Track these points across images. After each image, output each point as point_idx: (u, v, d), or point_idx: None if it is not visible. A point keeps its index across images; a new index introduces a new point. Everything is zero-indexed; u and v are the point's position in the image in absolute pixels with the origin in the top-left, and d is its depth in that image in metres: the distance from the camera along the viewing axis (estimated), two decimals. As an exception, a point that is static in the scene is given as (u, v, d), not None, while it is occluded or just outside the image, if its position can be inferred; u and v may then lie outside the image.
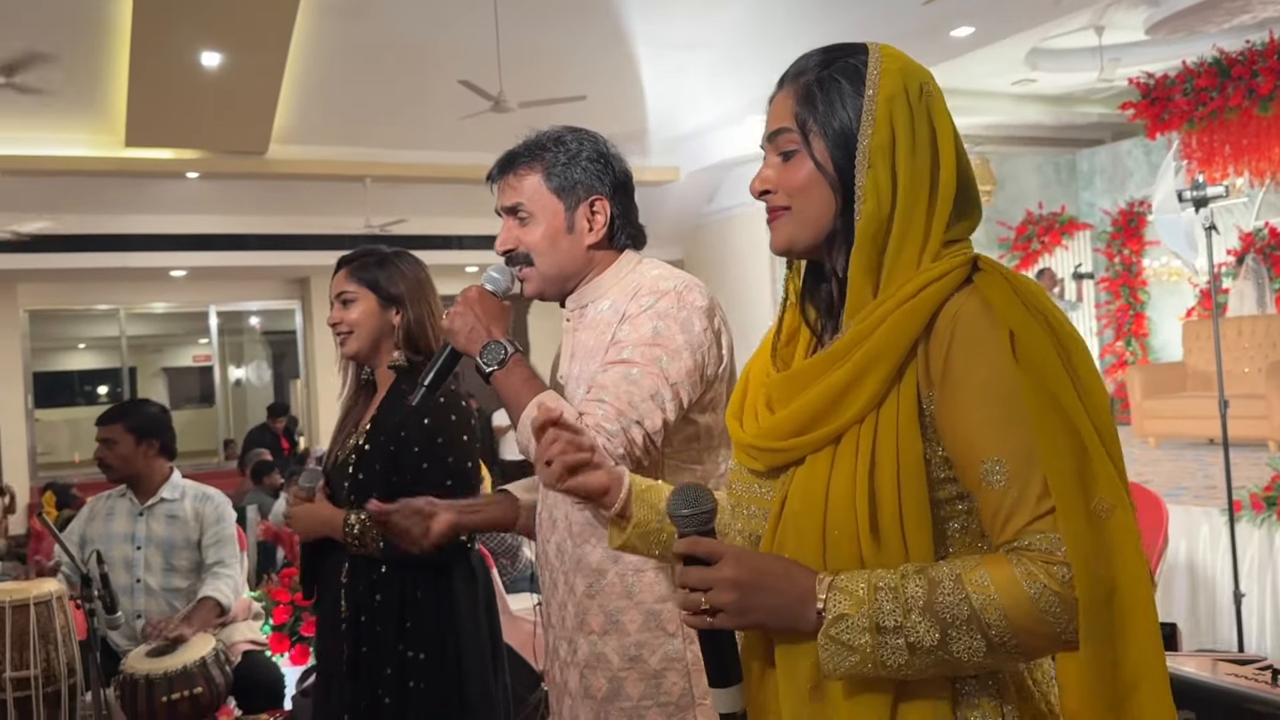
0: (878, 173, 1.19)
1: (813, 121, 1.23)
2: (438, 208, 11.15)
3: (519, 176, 1.90)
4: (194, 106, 8.74)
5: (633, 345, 1.76)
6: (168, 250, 10.87)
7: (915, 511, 1.13)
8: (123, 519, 3.58)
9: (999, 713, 1.14)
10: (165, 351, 17.52)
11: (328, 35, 8.34)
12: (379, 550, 2.31)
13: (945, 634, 1.06)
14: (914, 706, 1.13)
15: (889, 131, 1.19)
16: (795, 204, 1.25)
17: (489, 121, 8.32)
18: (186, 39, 7.94)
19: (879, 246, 1.19)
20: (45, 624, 3.13)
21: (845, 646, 1.09)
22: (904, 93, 1.21)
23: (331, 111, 9.41)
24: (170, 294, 12.93)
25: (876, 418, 1.16)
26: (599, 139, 1.94)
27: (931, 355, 1.15)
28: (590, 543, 1.83)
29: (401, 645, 2.31)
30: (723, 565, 1.14)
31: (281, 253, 11.36)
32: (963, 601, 1.06)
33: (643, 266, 1.91)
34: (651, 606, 1.79)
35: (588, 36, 8.60)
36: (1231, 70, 8.32)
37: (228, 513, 3.68)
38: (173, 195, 10.34)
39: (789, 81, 1.27)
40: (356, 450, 2.40)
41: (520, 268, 1.90)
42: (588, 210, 1.89)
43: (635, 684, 1.78)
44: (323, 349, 12.67)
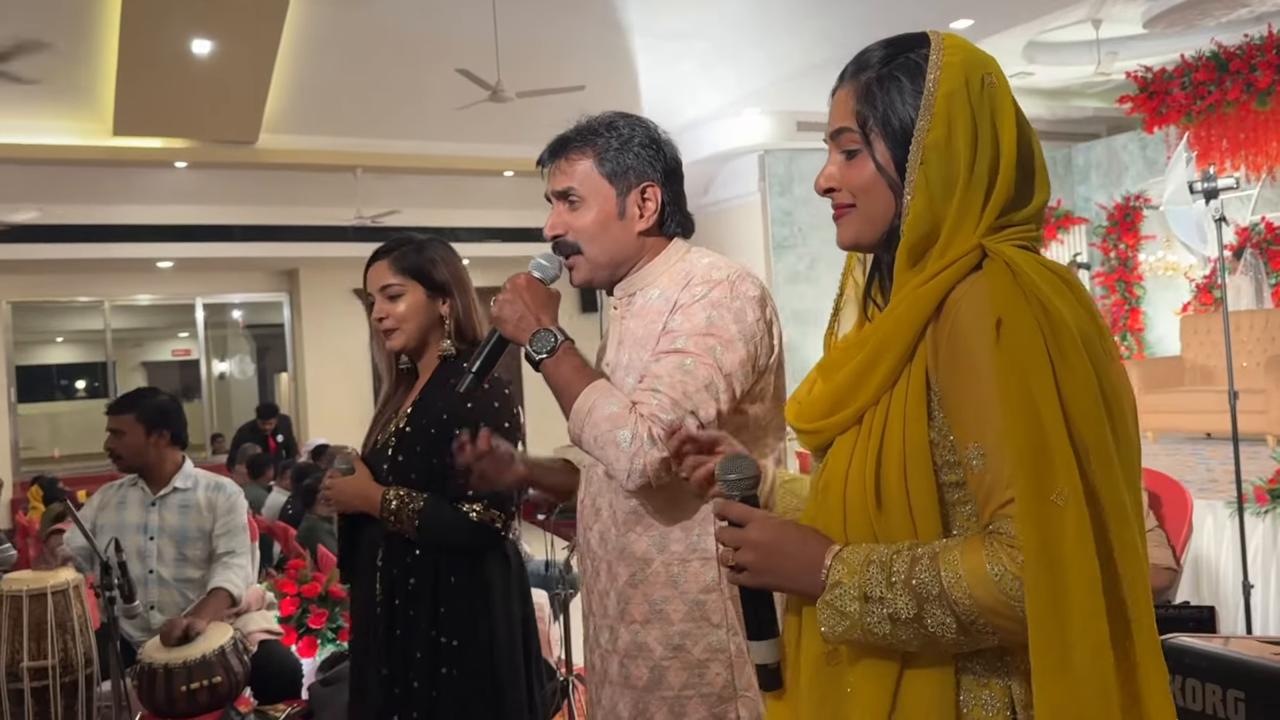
0: (931, 170, 1.21)
1: (873, 121, 1.26)
2: (430, 199, 11.14)
3: (570, 161, 1.90)
4: (184, 95, 8.71)
5: (686, 335, 1.77)
6: (154, 241, 10.82)
7: (920, 491, 1.18)
8: (135, 509, 3.58)
9: (1006, 692, 1.18)
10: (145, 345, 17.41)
11: (320, 23, 8.31)
12: (414, 530, 2.32)
13: (920, 609, 1.12)
14: (918, 678, 1.18)
15: (946, 129, 1.21)
16: (860, 202, 1.28)
17: (483, 112, 8.32)
18: (177, 26, 7.91)
19: (929, 242, 1.22)
20: (62, 613, 3.14)
21: (838, 612, 1.17)
22: (964, 87, 1.22)
23: (323, 101, 9.39)
24: (156, 286, 12.87)
25: (889, 399, 1.21)
26: (650, 125, 1.94)
27: (939, 339, 1.19)
28: (635, 531, 1.85)
29: (434, 631, 2.32)
30: (750, 528, 1.25)
31: (270, 244, 11.32)
32: (934, 580, 1.11)
33: (692, 255, 1.92)
34: (697, 597, 1.81)
35: (584, 26, 8.61)
36: (1229, 64, 8.42)
37: (240, 502, 3.69)
38: (161, 185, 10.30)
39: (850, 78, 1.29)
40: (397, 433, 2.41)
41: (569, 255, 1.91)
42: (639, 196, 1.89)
43: (678, 673, 1.80)
44: (312, 342, 12.65)
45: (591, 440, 1.75)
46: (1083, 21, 8.68)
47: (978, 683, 1.18)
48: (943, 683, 1.17)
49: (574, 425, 1.77)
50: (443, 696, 2.30)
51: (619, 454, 1.70)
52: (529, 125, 9.91)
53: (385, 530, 2.36)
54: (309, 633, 4.50)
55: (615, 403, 1.74)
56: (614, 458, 1.71)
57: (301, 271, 12.61)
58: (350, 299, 12.76)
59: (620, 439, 1.70)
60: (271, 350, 16.04)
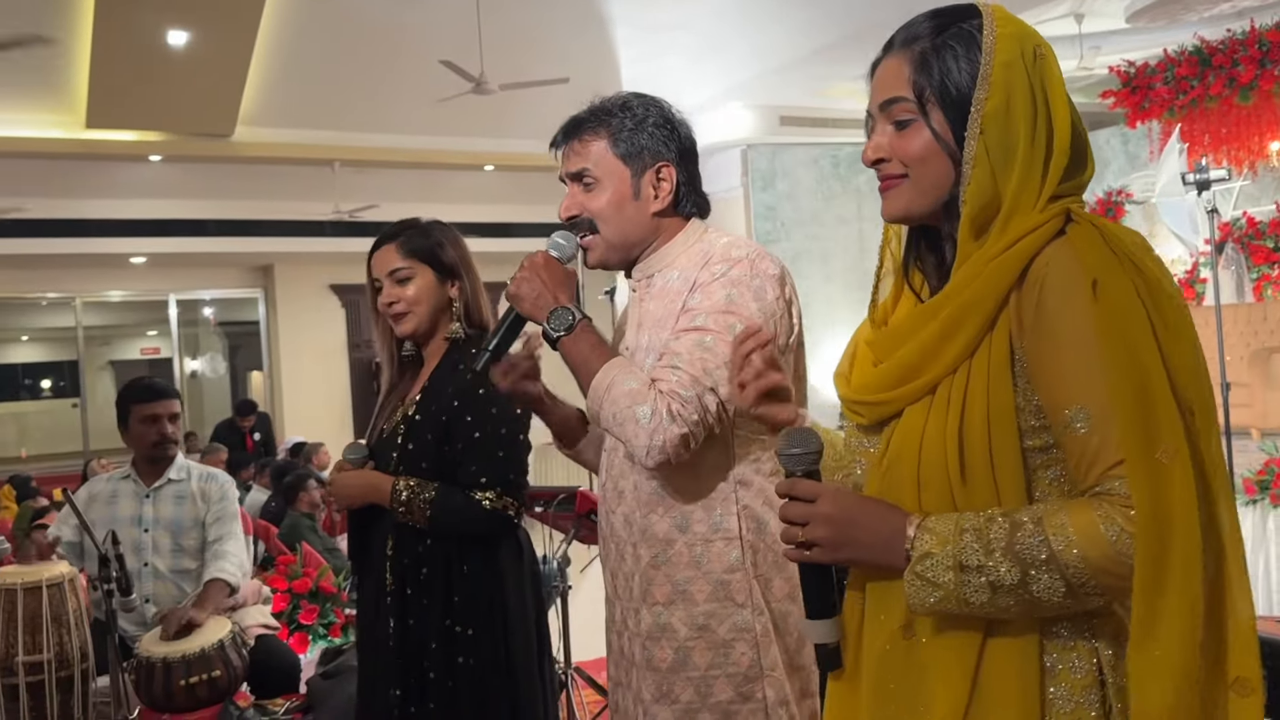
0: (989, 139, 1.21)
1: (930, 90, 1.25)
2: (409, 194, 11.08)
3: (584, 142, 1.91)
4: (159, 87, 8.63)
5: (706, 313, 1.78)
6: (127, 236, 10.73)
7: (1005, 458, 1.19)
8: (127, 501, 3.55)
9: (1094, 655, 1.19)
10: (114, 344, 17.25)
11: (299, 13, 8.26)
12: (426, 520, 2.31)
13: (1025, 574, 1.12)
14: (1001, 645, 1.19)
15: (1004, 98, 1.21)
16: (913, 173, 1.28)
17: (463, 105, 8.30)
18: (152, 16, 7.83)
19: (991, 212, 1.23)
20: (58, 607, 3.11)
21: (930, 583, 1.15)
22: (1020, 57, 1.22)
23: (301, 93, 9.33)
24: (128, 282, 12.75)
25: (969, 367, 1.21)
26: (664, 104, 1.95)
27: (1024, 305, 1.19)
28: (657, 512, 1.86)
29: (448, 620, 2.31)
30: (820, 502, 1.22)
31: (246, 239, 11.26)
32: (1042, 544, 1.11)
33: (710, 235, 1.93)
34: (721, 576, 1.82)
35: (568, 18, 8.60)
36: (1212, 59, 8.49)
37: (231, 491, 3.67)
38: (135, 179, 10.21)
39: (901, 48, 1.29)
40: (406, 420, 2.39)
41: (584, 234, 1.91)
42: (654, 177, 1.90)
43: (703, 653, 1.81)
44: (287, 339, 12.57)
45: (610, 417, 1.75)
46: (1065, 16, 8.76)
47: (1063, 646, 1.19)
48: (1026, 649, 1.18)
49: (592, 402, 1.78)
50: (461, 686, 2.30)
51: (638, 430, 1.71)
52: (509, 119, 9.94)
53: (395, 520, 2.35)
54: (300, 629, 4.49)
55: (634, 379, 1.75)
56: (633, 434, 1.72)
57: (277, 267, 12.53)
58: (327, 295, 12.70)
59: (639, 415, 1.71)
60: (243, 348, 15.92)
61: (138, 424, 3.52)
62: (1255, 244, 9.23)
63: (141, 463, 3.58)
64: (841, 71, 10.11)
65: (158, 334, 15.86)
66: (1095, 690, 1.18)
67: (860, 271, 11.16)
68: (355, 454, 2.43)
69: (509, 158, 10.90)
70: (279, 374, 12.80)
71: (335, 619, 4.66)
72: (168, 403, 3.55)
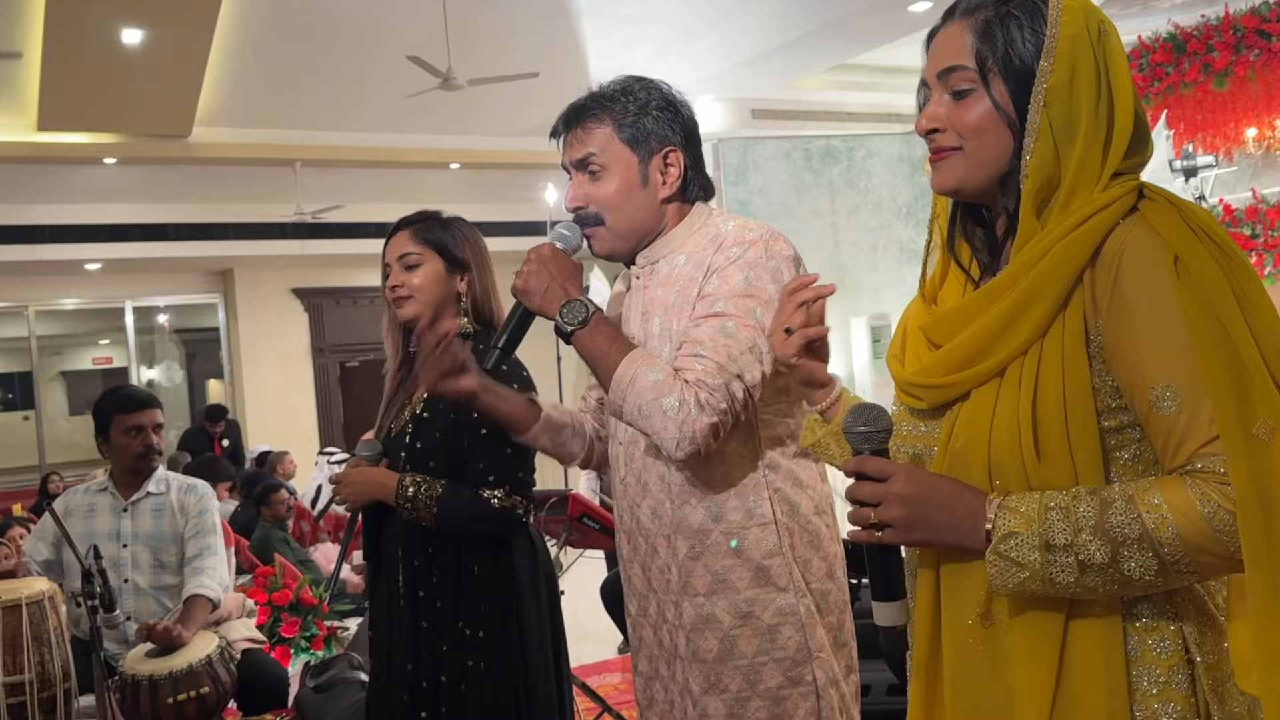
0: (1053, 112, 1.21)
1: (992, 59, 1.24)
2: (373, 193, 11.04)
3: (588, 129, 1.89)
4: (113, 87, 8.52)
5: (725, 298, 1.78)
6: (82, 241, 10.59)
7: (1083, 439, 1.18)
8: (106, 516, 3.50)
9: (1179, 635, 1.19)
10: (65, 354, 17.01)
11: (257, 9, 8.18)
12: (432, 518, 2.30)
13: (1116, 553, 1.11)
14: (1085, 629, 1.18)
15: (1069, 71, 1.21)
16: (968, 144, 1.27)
17: (427, 102, 8.26)
18: (105, 14, 7.72)
19: (1052, 187, 1.22)
20: (38, 625, 3.06)
21: (1014, 563, 1.14)
22: (1086, 32, 1.22)
23: (260, 92, 9.25)
24: (83, 289, 12.58)
25: (1041, 348, 1.20)
26: (665, 86, 1.95)
27: (1098, 283, 1.18)
28: (690, 504, 1.86)
29: (460, 622, 2.31)
30: (893, 481, 1.20)
31: (204, 243, 11.16)
32: (1134, 521, 1.11)
33: (715, 218, 1.93)
34: (760, 563, 1.83)
35: (535, 12, 8.58)
36: (1187, 45, 8.62)
37: (211, 503, 3.62)
38: (88, 182, 10.09)
39: (963, 15, 1.28)
40: (414, 419, 2.38)
41: (589, 226, 1.90)
42: (661, 162, 1.89)
43: (749, 641, 1.82)
44: (249, 346, 12.45)
45: (635, 410, 1.75)
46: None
47: (1146, 628, 1.18)
48: (1110, 631, 1.18)
49: (615, 396, 1.77)
50: (471, 690, 2.29)
51: (666, 422, 1.71)
52: (475, 115, 9.90)
53: (404, 520, 2.34)
54: (282, 642, 4.45)
55: (658, 370, 1.75)
56: (660, 426, 1.72)
57: (237, 271, 12.41)
58: (290, 299, 12.60)
59: (666, 407, 1.71)
60: (200, 355, 15.74)
61: (120, 435, 3.47)
62: (1232, 231, 9.37)
63: (122, 474, 3.53)
64: (814, 63, 10.16)
65: (110, 343, 15.66)
66: (1182, 670, 1.18)
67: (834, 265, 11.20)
68: (369, 450, 2.41)
69: (475, 155, 10.86)
70: (240, 382, 12.68)
71: (317, 631, 4.62)
72: (151, 412, 3.50)
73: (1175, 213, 1.17)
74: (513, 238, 11.53)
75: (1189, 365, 1.12)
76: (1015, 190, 1.26)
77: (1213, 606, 1.23)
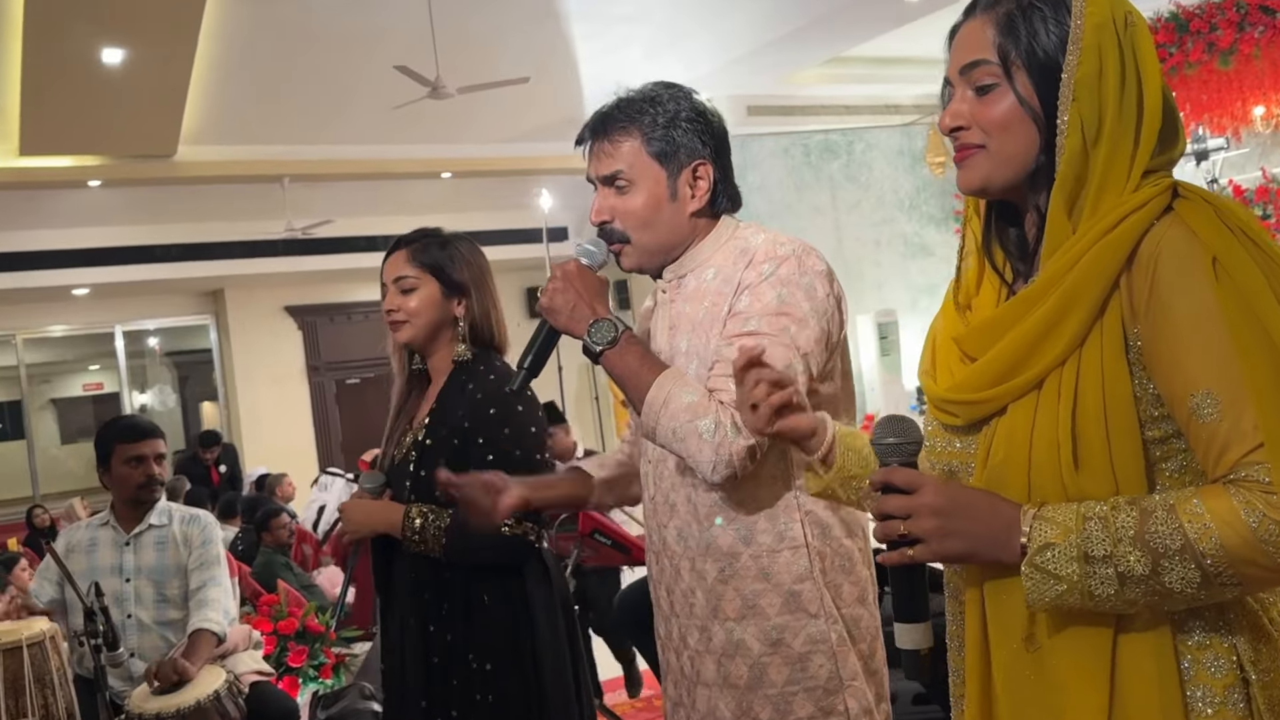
0: (1082, 107, 1.20)
1: (1016, 53, 1.23)
2: (364, 207, 11.03)
3: (615, 142, 1.87)
4: (95, 108, 8.52)
5: (758, 316, 1.77)
6: (69, 267, 10.58)
7: (1125, 450, 1.16)
8: (107, 550, 3.49)
9: (1233, 652, 1.17)
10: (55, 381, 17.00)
11: (240, 24, 8.19)
12: (440, 549, 2.28)
13: (1157, 564, 1.09)
14: (1136, 648, 1.16)
15: (1096, 63, 1.20)
16: (993, 142, 1.26)
17: (416, 112, 8.25)
18: (85, 35, 7.72)
19: (1081, 184, 1.21)
20: (40, 666, 3.06)
21: (1051, 576, 1.12)
22: (1111, 22, 1.21)
23: (245, 108, 9.25)
24: (72, 315, 12.57)
25: (1080, 357, 1.18)
26: (693, 95, 1.93)
27: (1135, 287, 1.17)
28: (718, 525, 1.84)
29: (470, 655, 2.29)
30: (924, 492, 1.18)
31: (193, 263, 11.14)
32: (1176, 531, 1.09)
33: (743, 230, 1.92)
34: (791, 587, 1.81)
35: (523, 16, 8.58)
36: (1190, 24, 8.61)
37: (214, 533, 3.61)
38: (73, 207, 10.07)
39: (984, 10, 1.27)
40: (417, 446, 2.37)
41: (615, 242, 1.89)
42: (690, 176, 1.88)
43: (779, 669, 1.80)
44: (243, 366, 12.43)
45: (669, 433, 1.73)
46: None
47: (1200, 645, 1.17)
48: (1161, 650, 1.16)
49: (647, 418, 1.75)
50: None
51: (701, 445, 1.69)
52: (465, 123, 9.90)
53: (413, 552, 2.32)
54: (289, 671, 4.44)
55: (692, 392, 1.73)
56: (696, 449, 1.70)
57: (228, 291, 12.39)
58: (282, 317, 12.58)
59: (702, 429, 1.69)
60: (193, 378, 15.73)
61: (121, 465, 3.46)
62: (1243, 212, 9.36)
63: (123, 506, 3.52)
64: (808, 57, 10.16)
65: (101, 368, 15.64)
66: (1238, 689, 1.16)
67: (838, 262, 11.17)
68: (372, 483, 2.40)
69: (467, 163, 10.86)
70: (235, 404, 12.65)
71: (325, 659, 4.61)
72: (154, 442, 3.50)
73: (1212, 211, 1.15)
74: (509, 246, 11.53)
75: (1230, 370, 1.11)
76: (1046, 187, 1.25)
77: (1266, 622, 1.20)
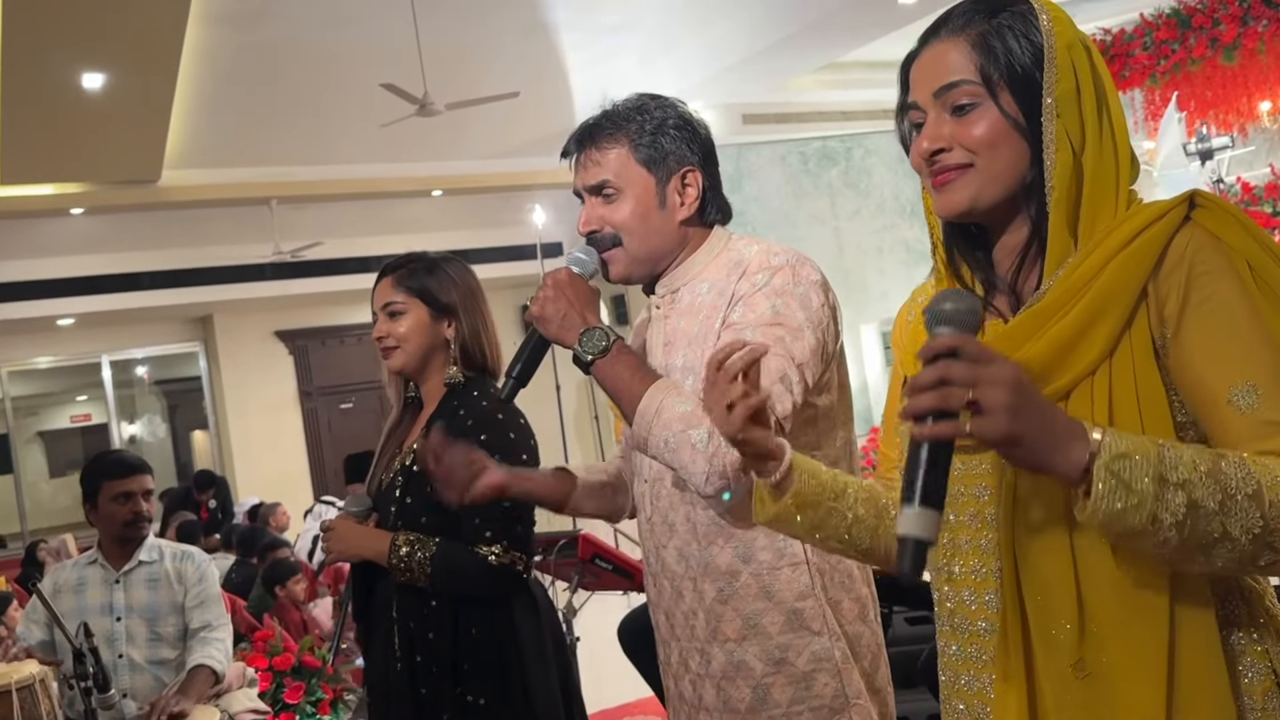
0: (1067, 121, 1.25)
1: (996, 71, 1.28)
2: (354, 227, 11.04)
3: (602, 150, 1.89)
4: (76, 134, 8.54)
5: (752, 327, 1.78)
6: (53, 297, 10.58)
7: None
8: (96, 589, 3.48)
9: (1266, 657, 1.21)
10: (42, 414, 17.01)
11: (223, 45, 8.21)
12: (426, 578, 2.29)
13: (1225, 503, 1.08)
14: (1190, 662, 1.16)
15: (1072, 80, 1.26)
16: (981, 159, 1.28)
17: (405, 129, 8.28)
18: (64, 60, 7.74)
19: (1075, 198, 1.26)
20: (30, 711, 3.04)
21: (1125, 486, 1.07)
22: (1078, 42, 1.28)
23: (230, 130, 9.28)
24: (57, 346, 12.57)
25: (1111, 366, 1.21)
26: (680, 104, 1.95)
27: (1164, 293, 1.21)
28: (717, 544, 1.85)
29: (459, 689, 2.30)
30: (1000, 364, 1.09)
31: (180, 290, 11.14)
32: (1249, 477, 1.09)
33: (735, 241, 1.94)
34: (793, 605, 1.82)
35: (510, 28, 8.61)
36: (1192, 20, 8.64)
37: (210, 571, 3.61)
38: (56, 235, 10.09)
39: (954, 32, 1.31)
40: (404, 471, 2.38)
41: (606, 249, 1.90)
42: (679, 183, 1.90)
43: (783, 689, 1.81)
44: (233, 394, 12.43)
45: (661, 443, 1.73)
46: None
47: (1235, 653, 1.20)
48: (1214, 653, 1.18)
49: (639, 429, 1.75)
50: None
51: (694, 455, 1.68)
52: (454, 140, 9.93)
53: (396, 581, 2.33)
54: (286, 709, 4.43)
55: (685, 401, 1.73)
56: (688, 460, 1.69)
57: (216, 317, 12.40)
58: (273, 343, 12.58)
59: (695, 439, 1.68)
60: (183, 407, 15.74)
61: (108, 502, 3.46)
62: (1252, 210, 9.37)
63: (110, 544, 3.51)
64: (803, 63, 10.20)
65: (88, 399, 15.64)
66: (1274, 695, 1.19)
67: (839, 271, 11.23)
68: (358, 506, 2.41)
69: (458, 180, 10.89)
70: (226, 432, 12.64)
71: (323, 695, 4.60)
72: (141, 478, 3.49)
73: (1234, 220, 1.22)
74: (502, 264, 11.55)
75: (1271, 364, 1.16)
76: (1038, 201, 1.28)
77: None
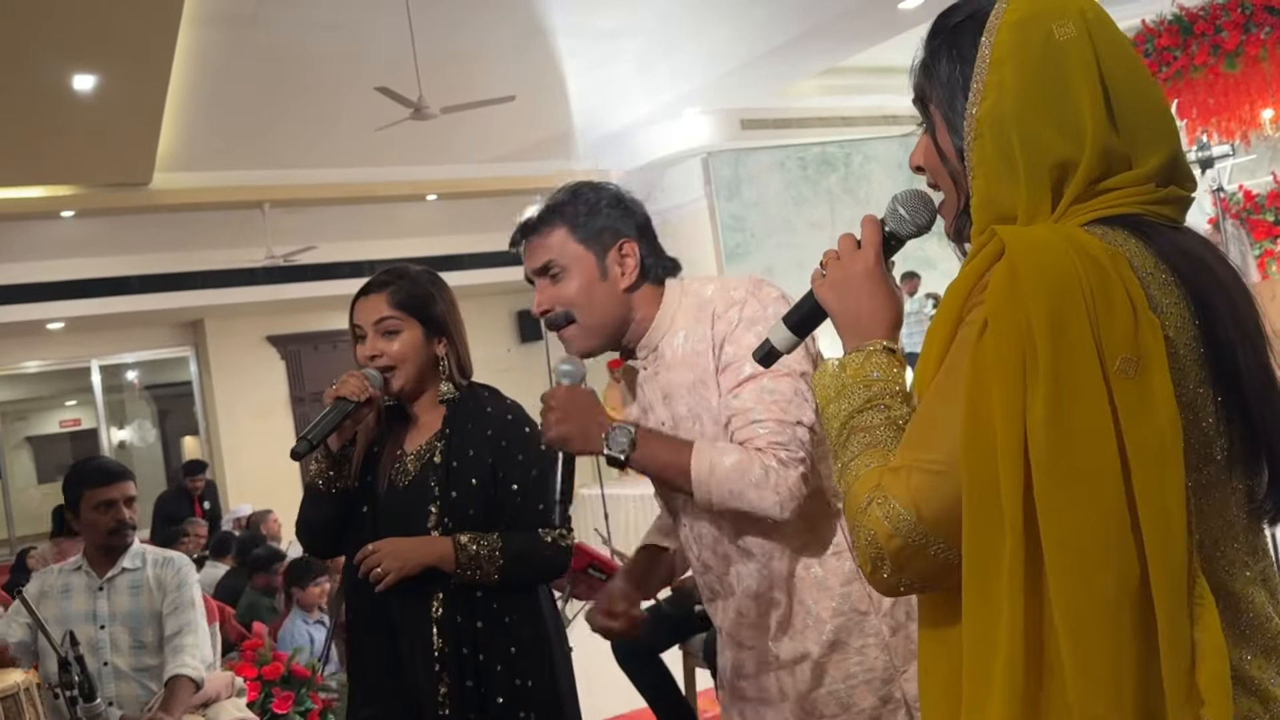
0: (986, 145, 1.16)
1: (932, 94, 1.23)
2: (347, 231, 11.07)
3: (543, 235, 2.07)
4: (67, 137, 8.55)
5: (746, 359, 1.88)
6: (42, 300, 10.61)
7: None
8: (81, 596, 3.49)
9: None
10: (31, 419, 17.02)
11: (216, 47, 8.23)
12: (498, 570, 2.35)
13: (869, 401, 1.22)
14: None
15: (996, 97, 1.15)
16: (940, 184, 1.27)
17: (399, 133, 8.31)
18: (55, 62, 7.75)
19: (1000, 222, 1.15)
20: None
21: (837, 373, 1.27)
22: (1021, 47, 1.15)
23: (223, 132, 9.30)
24: (47, 350, 12.59)
25: None
26: (614, 187, 2.14)
27: None
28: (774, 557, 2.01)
29: (510, 674, 2.38)
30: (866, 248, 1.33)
31: (171, 294, 11.18)
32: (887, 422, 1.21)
33: (691, 286, 2.09)
34: (841, 590, 1.98)
35: (507, 32, 8.64)
36: (1193, 27, 8.67)
37: (189, 576, 3.61)
38: (46, 238, 10.12)
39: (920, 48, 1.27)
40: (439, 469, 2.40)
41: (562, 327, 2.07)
42: (618, 254, 2.06)
43: (839, 665, 1.98)
44: (224, 399, 12.45)
45: (726, 494, 1.88)
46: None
47: None
48: None
49: (700, 493, 1.90)
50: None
51: (762, 493, 1.86)
52: (450, 144, 9.95)
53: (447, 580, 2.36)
54: (275, 718, 4.42)
55: (729, 451, 1.89)
56: (758, 499, 1.86)
57: (208, 322, 12.43)
58: (264, 347, 12.60)
59: (756, 479, 1.85)
60: (173, 412, 15.75)
61: (90, 510, 3.46)
62: (1255, 219, 9.39)
63: (94, 551, 3.52)
64: (802, 68, 10.23)
65: (78, 404, 15.65)
66: None
67: (838, 278, 11.24)
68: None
69: (453, 184, 10.91)
70: (216, 437, 12.65)
71: (313, 705, 4.59)
72: (122, 485, 3.50)
73: (1007, 269, 1.08)
74: (498, 269, 11.56)
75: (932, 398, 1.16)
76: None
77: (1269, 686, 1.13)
